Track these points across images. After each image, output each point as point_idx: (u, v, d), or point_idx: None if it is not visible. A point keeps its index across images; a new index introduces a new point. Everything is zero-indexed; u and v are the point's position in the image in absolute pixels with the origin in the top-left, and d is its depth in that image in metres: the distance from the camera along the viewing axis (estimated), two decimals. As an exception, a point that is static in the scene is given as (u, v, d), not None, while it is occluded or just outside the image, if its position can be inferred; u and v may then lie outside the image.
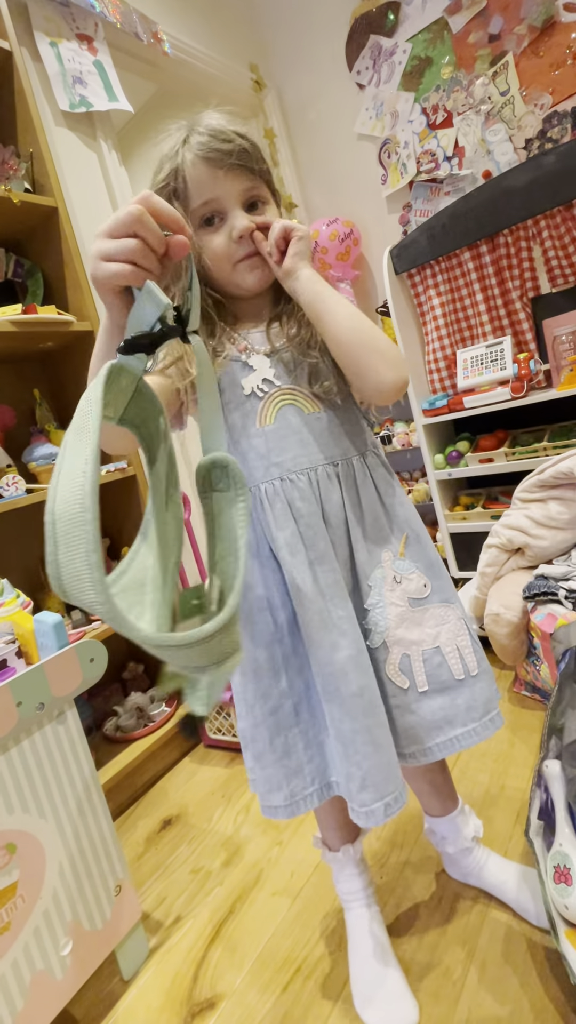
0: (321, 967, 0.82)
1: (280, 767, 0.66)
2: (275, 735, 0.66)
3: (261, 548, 0.65)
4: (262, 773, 0.68)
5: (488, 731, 0.67)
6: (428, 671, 0.66)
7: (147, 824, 1.26)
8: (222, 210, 0.62)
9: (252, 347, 0.66)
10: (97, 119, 1.59)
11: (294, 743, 0.66)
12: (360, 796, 0.62)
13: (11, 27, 1.28)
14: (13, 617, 0.96)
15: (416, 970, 0.77)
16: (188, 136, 0.61)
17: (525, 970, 0.73)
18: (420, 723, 0.67)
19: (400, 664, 0.66)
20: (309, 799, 0.67)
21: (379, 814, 0.62)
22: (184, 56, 1.87)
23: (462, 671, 0.67)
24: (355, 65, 2.04)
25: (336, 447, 0.66)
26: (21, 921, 0.74)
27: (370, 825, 0.63)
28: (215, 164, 0.60)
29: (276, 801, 0.67)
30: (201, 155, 0.60)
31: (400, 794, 0.64)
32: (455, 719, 0.66)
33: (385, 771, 0.62)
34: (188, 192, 0.61)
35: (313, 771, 0.67)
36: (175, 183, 0.61)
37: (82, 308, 1.37)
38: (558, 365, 1.59)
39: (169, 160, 0.61)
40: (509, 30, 1.71)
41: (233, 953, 0.88)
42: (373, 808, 0.62)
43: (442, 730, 0.66)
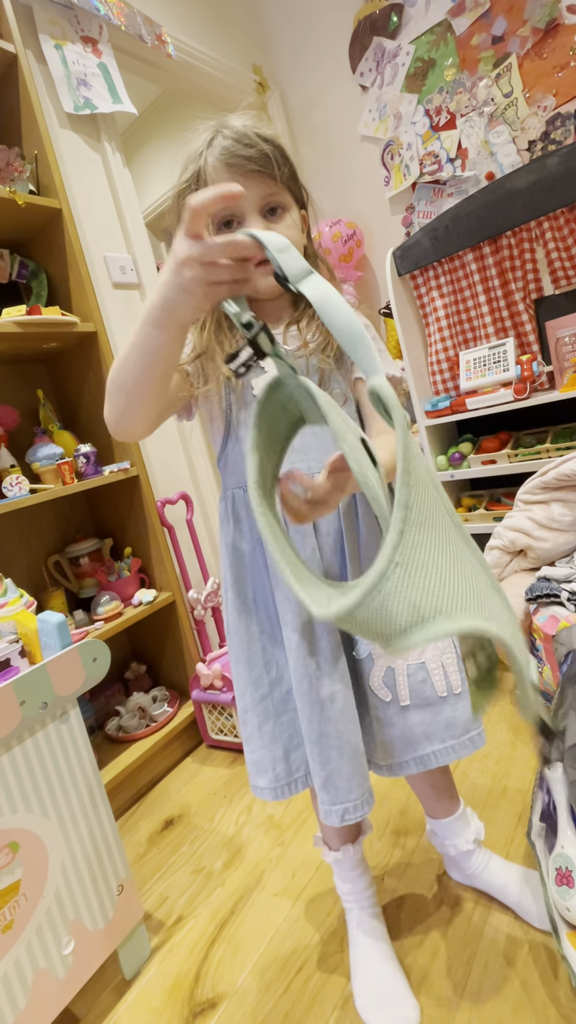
0: (322, 968, 0.82)
1: (266, 751, 0.69)
2: (263, 722, 0.69)
3: (253, 545, 0.68)
4: (251, 756, 0.71)
5: (467, 750, 0.67)
6: (411, 686, 0.67)
7: (149, 824, 1.26)
8: (240, 215, 0.62)
9: None
10: (101, 121, 1.60)
11: (281, 731, 0.69)
12: (321, 795, 0.65)
13: (16, 29, 1.29)
14: (16, 617, 0.96)
15: (417, 971, 0.77)
16: (213, 138, 0.62)
17: (527, 972, 0.73)
18: (398, 736, 0.67)
19: (384, 677, 0.67)
20: (294, 784, 0.69)
21: (334, 817, 0.64)
22: (188, 58, 1.88)
23: (445, 688, 0.67)
24: (358, 67, 2.05)
25: (329, 454, 0.66)
26: (24, 920, 0.75)
27: (327, 824, 0.65)
28: (235, 170, 0.60)
29: (262, 783, 0.70)
30: (222, 160, 0.60)
31: (361, 803, 0.65)
32: (433, 735, 0.67)
33: (348, 779, 0.64)
34: None
35: (299, 759, 0.69)
36: (196, 185, 0.63)
37: (86, 309, 1.37)
38: (561, 367, 1.58)
39: (193, 161, 0.63)
40: (512, 32, 1.71)
41: (235, 953, 0.89)
42: (332, 809, 0.65)
43: (420, 745, 0.67)
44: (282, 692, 0.69)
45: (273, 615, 0.68)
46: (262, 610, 0.68)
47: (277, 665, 0.68)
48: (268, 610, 0.68)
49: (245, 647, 0.69)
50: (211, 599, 1.59)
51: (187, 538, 1.63)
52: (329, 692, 0.63)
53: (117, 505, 1.52)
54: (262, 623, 0.69)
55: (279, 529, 0.43)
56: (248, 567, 0.69)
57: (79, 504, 1.58)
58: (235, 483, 0.69)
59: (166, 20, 1.79)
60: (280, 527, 0.44)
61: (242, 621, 0.69)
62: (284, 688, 0.69)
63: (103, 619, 1.35)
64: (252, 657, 0.69)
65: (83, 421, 1.51)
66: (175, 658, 1.56)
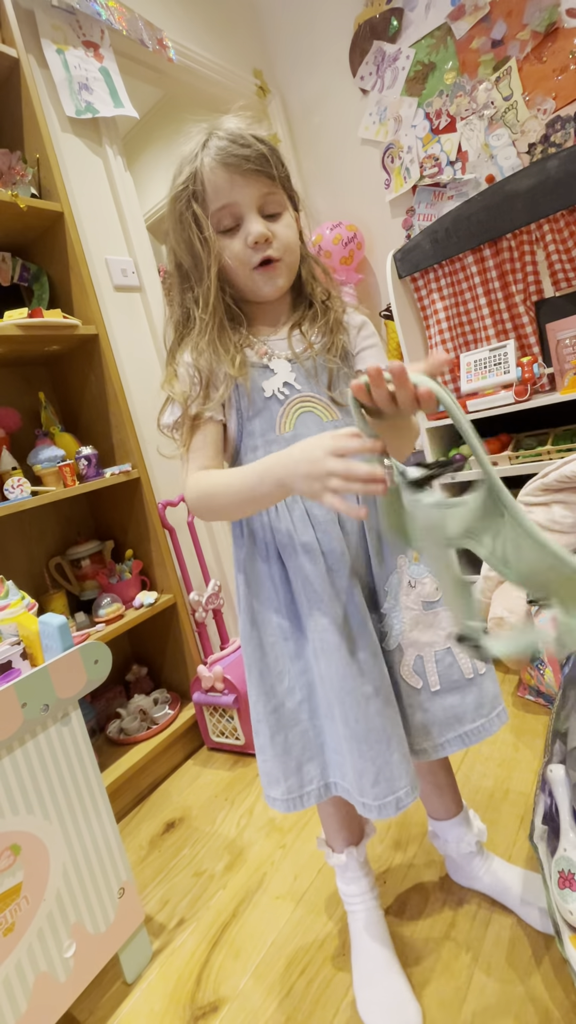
0: (324, 971, 0.82)
1: (279, 763, 0.68)
2: (275, 732, 0.68)
3: (270, 552, 0.67)
4: (264, 766, 0.70)
5: (495, 726, 0.69)
6: (440, 671, 0.68)
7: (150, 827, 1.26)
8: (239, 214, 0.63)
9: (272, 352, 0.67)
10: (103, 125, 1.61)
11: (293, 742, 0.68)
12: (373, 791, 0.64)
13: (18, 34, 1.29)
14: (18, 619, 0.96)
15: (420, 975, 0.77)
16: (208, 140, 0.62)
17: (529, 976, 0.73)
18: (432, 720, 0.68)
19: (414, 665, 0.68)
20: (307, 797, 0.68)
21: (391, 807, 0.64)
22: (189, 62, 1.88)
23: (471, 670, 0.69)
24: (359, 71, 2.06)
25: None
26: (25, 923, 0.75)
27: (382, 818, 0.64)
28: (233, 169, 0.61)
29: (275, 794, 0.69)
30: (219, 160, 0.61)
31: (411, 789, 0.65)
32: (464, 716, 0.68)
33: (398, 767, 0.64)
34: (206, 196, 0.62)
35: (312, 771, 0.69)
36: (194, 186, 0.62)
37: (87, 312, 1.38)
38: (562, 369, 1.59)
39: (188, 163, 0.63)
40: (512, 36, 1.72)
41: (236, 956, 0.88)
42: (386, 802, 0.64)
43: (452, 727, 0.68)
44: (295, 704, 0.68)
45: (288, 628, 0.68)
46: (276, 623, 0.68)
47: (290, 677, 0.68)
48: (282, 624, 0.68)
49: (258, 658, 0.68)
50: (212, 601, 1.59)
51: (188, 540, 1.63)
52: (374, 687, 0.64)
53: (118, 507, 1.52)
54: (275, 635, 0.68)
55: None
56: (264, 581, 0.68)
57: (80, 506, 1.58)
58: None
59: (167, 25, 1.79)
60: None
61: (255, 633, 0.68)
62: (296, 700, 0.68)
63: (104, 621, 1.35)
64: (264, 668, 0.68)
65: (84, 423, 1.51)
66: (176, 660, 1.56)
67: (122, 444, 1.45)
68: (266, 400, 0.66)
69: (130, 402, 1.47)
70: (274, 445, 0.65)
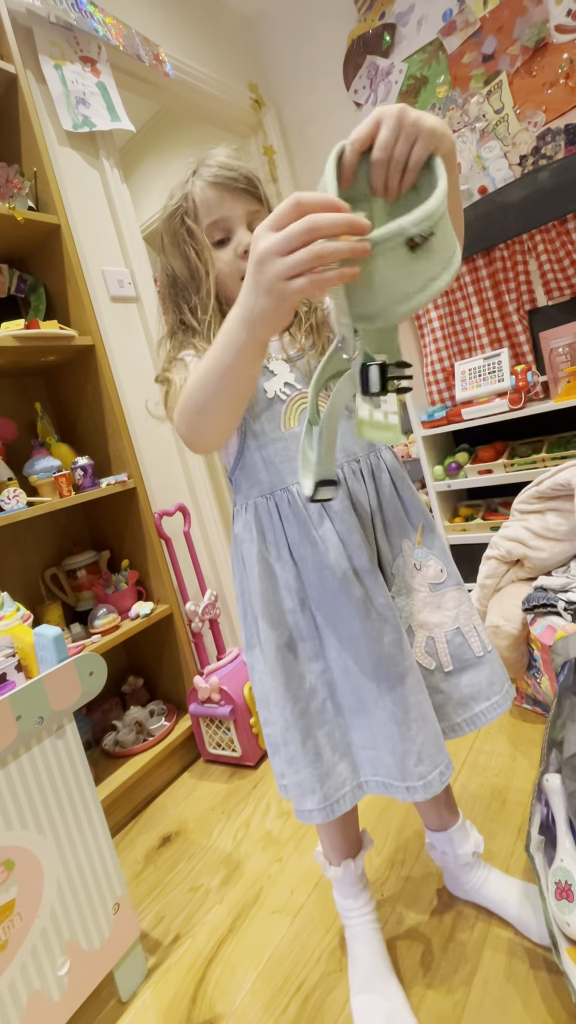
0: (322, 986, 0.81)
1: (313, 770, 0.67)
2: (306, 737, 0.67)
3: (281, 552, 0.67)
4: (295, 778, 0.68)
5: (507, 702, 0.70)
6: (452, 651, 0.69)
7: (146, 841, 1.25)
8: (229, 228, 0.66)
9: (269, 354, 0.69)
10: (100, 138, 1.62)
11: (323, 744, 0.68)
12: (417, 770, 0.64)
13: (16, 50, 1.31)
14: (13, 630, 0.96)
15: (417, 989, 0.76)
16: (197, 168, 0.66)
17: (527, 989, 0.72)
18: (448, 701, 0.70)
19: (426, 647, 0.69)
20: (343, 801, 0.67)
21: (436, 783, 0.65)
22: (185, 77, 1.91)
23: (481, 648, 0.70)
24: (352, 84, 2.09)
25: (356, 443, 0.69)
26: (18, 940, 0.74)
27: (428, 796, 0.64)
28: (222, 188, 0.65)
29: (310, 805, 0.67)
30: (210, 181, 0.65)
31: (449, 762, 0.67)
32: (479, 694, 0.69)
33: (435, 742, 0.66)
34: (198, 212, 0.66)
35: (344, 772, 0.68)
36: (186, 204, 0.66)
37: (84, 323, 1.38)
38: (555, 377, 1.60)
39: (180, 188, 0.67)
40: (503, 50, 1.75)
41: (233, 973, 0.87)
42: (430, 779, 0.64)
43: (468, 706, 0.70)
44: (318, 704, 0.68)
45: (304, 628, 0.68)
46: (292, 623, 0.68)
47: (311, 676, 0.68)
48: (298, 623, 0.68)
49: (279, 661, 0.67)
50: (209, 611, 1.59)
51: (184, 550, 1.62)
52: (405, 667, 0.65)
53: (114, 517, 1.52)
54: (293, 635, 0.68)
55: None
56: (280, 578, 0.68)
57: (76, 517, 1.58)
58: (257, 492, 0.68)
59: (164, 40, 1.82)
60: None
61: (274, 634, 0.67)
62: (319, 700, 0.68)
63: (100, 632, 1.34)
64: (287, 671, 0.67)
65: (81, 434, 1.52)
66: (172, 671, 1.55)
67: (118, 454, 1.45)
68: (269, 401, 0.67)
69: (126, 412, 1.47)
70: (280, 442, 0.67)
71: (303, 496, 0.49)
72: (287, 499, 0.66)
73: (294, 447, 0.66)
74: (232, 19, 2.21)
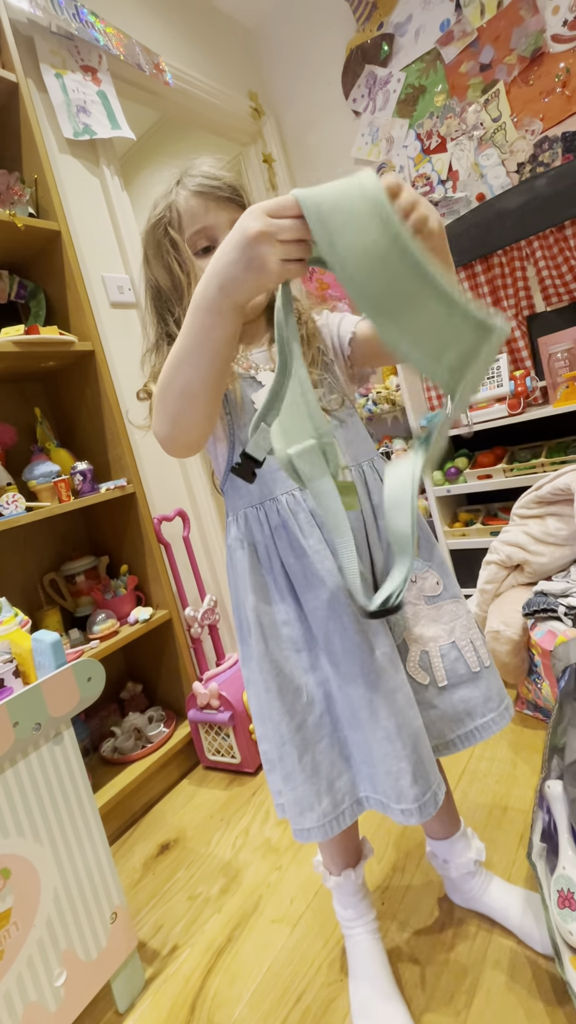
0: (322, 997, 0.80)
1: (310, 786, 0.65)
2: (303, 752, 0.65)
3: (273, 562, 0.66)
4: (292, 795, 0.66)
5: (504, 720, 0.68)
6: (446, 666, 0.68)
7: (144, 849, 1.24)
8: (214, 236, 0.66)
9: (257, 365, 0.68)
10: (100, 146, 1.63)
11: (321, 759, 0.66)
12: (414, 790, 0.62)
13: (18, 60, 1.32)
14: (11, 636, 0.96)
15: (419, 1000, 0.75)
16: (181, 178, 0.66)
17: (530, 999, 0.71)
18: (442, 717, 0.68)
19: (420, 661, 0.68)
20: (341, 818, 0.66)
21: (431, 805, 0.63)
22: (185, 85, 1.92)
23: (477, 663, 0.68)
24: (351, 93, 2.10)
25: (347, 453, 0.68)
26: (15, 950, 0.73)
27: (424, 819, 0.63)
28: (207, 196, 0.65)
29: (309, 823, 0.65)
30: (194, 190, 0.65)
31: (442, 781, 0.65)
32: (474, 711, 0.68)
33: (428, 762, 0.64)
34: (182, 222, 0.65)
35: (343, 787, 0.66)
36: (170, 215, 0.65)
37: (84, 328, 1.39)
38: (554, 382, 1.60)
39: (164, 199, 0.66)
40: (500, 60, 1.76)
41: (231, 983, 0.86)
42: (425, 800, 0.63)
43: (463, 722, 0.68)
44: (315, 718, 0.66)
45: (299, 640, 0.66)
46: (287, 635, 0.67)
47: (307, 689, 0.66)
48: (293, 635, 0.66)
49: (275, 675, 0.66)
50: (208, 617, 1.58)
51: (184, 555, 1.62)
52: (397, 681, 0.63)
53: (113, 522, 1.52)
54: (288, 649, 0.67)
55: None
56: (272, 594, 0.67)
57: (75, 522, 1.58)
58: (246, 502, 0.68)
59: (164, 49, 1.84)
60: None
61: (268, 647, 0.66)
62: (317, 713, 0.66)
63: (99, 638, 1.34)
64: (283, 684, 0.66)
65: (80, 439, 1.52)
66: (171, 677, 1.54)
67: (117, 459, 1.45)
68: (255, 411, 0.66)
69: (126, 417, 1.47)
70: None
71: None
72: (276, 509, 0.65)
73: None
74: (232, 29, 2.23)
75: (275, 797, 0.71)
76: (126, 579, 1.47)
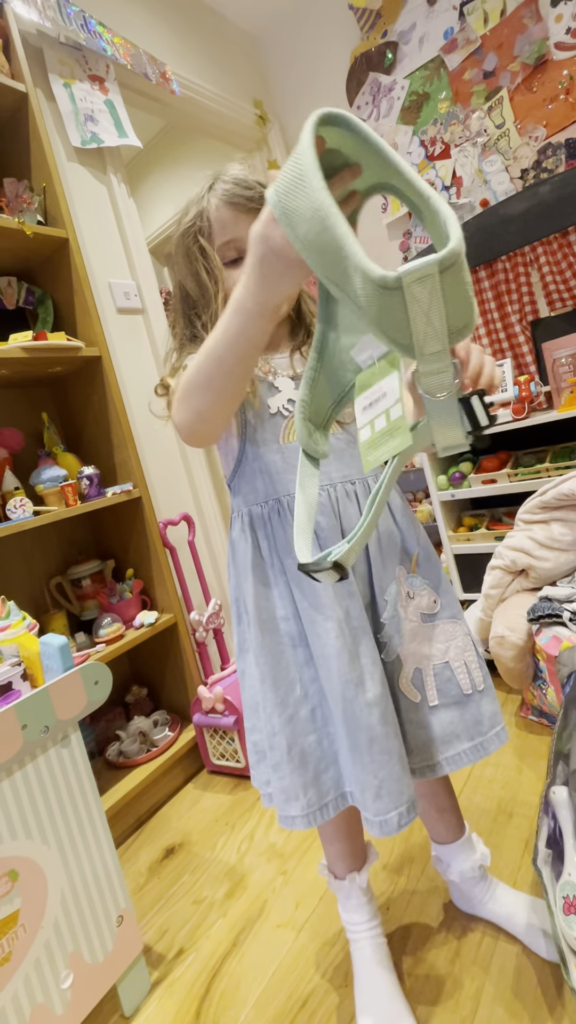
0: (327, 1002, 0.80)
1: (297, 776, 0.67)
2: (292, 744, 0.67)
3: (274, 559, 0.68)
4: (279, 784, 0.68)
5: (493, 745, 0.68)
6: (439, 685, 0.68)
7: (149, 853, 1.24)
8: (242, 248, 0.66)
9: (275, 370, 0.70)
10: (107, 154, 1.65)
11: (310, 752, 0.67)
12: (375, 805, 0.63)
13: (27, 70, 1.34)
14: (19, 639, 0.96)
15: (424, 1006, 0.75)
16: (213, 183, 0.67)
17: (536, 1006, 0.71)
18: (430, 737, 0.68)
19: (412, 678, 0.68)
20: (325, 810, 0.67)
21: (393, 824, 0.63)
22: (191, 94, 1.94)
23: (470, 686, 0.69)
24: (355, 100, 2.12)
25: (353, 466, 0.70)
26: (22, 952, 0.73)
27: (384, 835, 0.63)
28: (238, 208, 0.66)
29: (293, 811, 0.67)
30: (225, 199, 0.66)
31: (413, 805, 0.65)
32: (462, 733, 0.68)
33: (399, 781, 0.64)
34: (212, 231, 0.66)
35: (329, 781, 0.68)
36: (200, 223, 0.66)
37: (91, 334, 1.40)
38: (558, 387, 1.60)
39: (196, 204, 0.67)
40: (503, 67, 1.78)
41: (237, 988, 0.86)
42: (388, 818, 0.63)
43: (451, 744, 0.68)
44: (308, 711, 0.68)
45: (296, 635, 0.68)
46: (284, 629, 0.68)
47: (301, 683, 0.68)
48: (290, 630, 0.68)
49: (271, 667, 0.68)
50: (213, 620, 1.59)
51: (189, 559, 1.63)
52: (375, 695, 0.64)
53: (119, 526, 1.53)
54: (285, 643, 0.68)
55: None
56: (273, 585, 0.68)
57: (82, 526, 1.59)
58: (253, 499, 0.69)
59: (170, 58, 1.86)
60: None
61: (266, 640, 0.68)
62: (309, 707, 0.68)
63: (105, 641, 1.35)
64: (278, 676, 0.68)
65: (87, 443, 1.53)
66: (176, 681, 1.55)
67: (124, 464, 1.46)
68: (271, 415, 0.68)
69: (132, 422, 1.48)
70: (277, 454, 0.68)
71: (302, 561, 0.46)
72: (278, 509, 0.67)
73: (292, 459, 0.67)
74: (237, 38, 2.25)
75: (262, 788, 0.73)
76: (132, 583, 1.48)
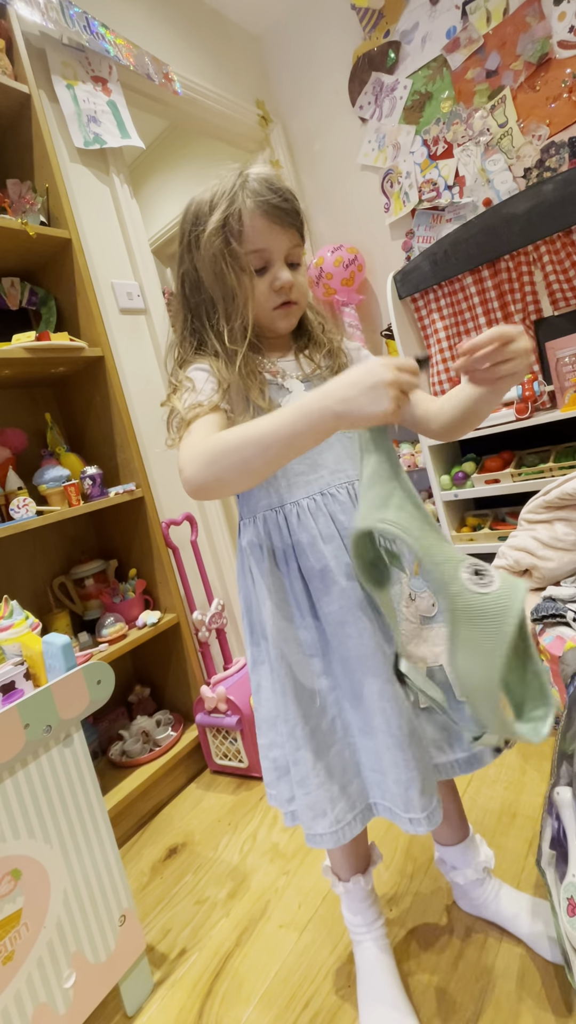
0: (329, 1003, 0.80)
1: (324, 791, 0.66)
2: (317, 758, 0.66)
3: (290, 564, 0.67)
4: (305, 799, 0.67)
5: (487, 759, 0.68)
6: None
7: (152, 852, 1.24)
8: (269, 259, 0.66)
9: (284, 372, 0.70)
10: (110, 155, 1.65)
11: (334, 764, 0.67)
12: (422, 800, 0.63)
13: (30, 71, 1.34)
14: (22, 639, 0.96)
15: (427, 1008, 0.75)
16: (246, 181, 0.64)
17: (539, 1008, 0.70)
18: (428, 742, 0.68)
19: None
20: (352, 824, 0.66)
21: (437, 815, 0.64)
22: (194, 95, 1.95)
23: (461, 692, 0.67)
24: (358, 100, 2.12)
25: (353, 466, 0.69)
26: (25, 951, 0.73)
27: (431, 828, 0.64)
28: (273, 219, 0.65)
29: (321, 828, 0.66)
30: (262, 209, 0.64)
31: (440, 800, 0.66)
32: (455, 743, 0.68)
33: (431, 773, 0.65)
34: (243, 236, 0.64)
35: (354, 793, 0.67)
36: (232, 224, 0.64)
37: (93, 335, 1.40)
38: (562, 386, 1.60)
39: (225, 198, 0.64)
40: (506, 66, 1.77)
41: (239, 988, 0.86)
42: (433, 809, 0.64)
43: (443, 751, 0.68)
44: (328, 722, 0.67)
45: (313, 644, 0.67)
46: (301, 639, 0.67)
47: (321, 694, 0.67)
48: (308, 640, 0.67)
49: (291, 678, 0.66)
50: (215, 620, 1.59)
51: (191, 559, 1.63)
52: (406, 693, 0.64)
53: (122, 526, 1.53)
54: (301, 653, 0.67)
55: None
56: (290, 592, 0.67)
57: (85, 526, 1.59)
58: (266, 504, 0.68)
59: (173, 59, 1.86)
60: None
61: (284, 652, 0.67)
62: (329, 718, 0.67)
63: (108, 641, 1.35)
64: (298, 689, 0.66)
65: (89, 443, 1.53)
66: (179, 681, 1.55)
67: (126, 464, 1.46)
68: None
69: (134, 422, 1.49)
70: None
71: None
72: (296, 512, 0.66)
73: (311, 458, 0.67)
74: (240, 38, 2.25)
75: (284, 806, 0.71)
76: (134, 583, 1.48)
